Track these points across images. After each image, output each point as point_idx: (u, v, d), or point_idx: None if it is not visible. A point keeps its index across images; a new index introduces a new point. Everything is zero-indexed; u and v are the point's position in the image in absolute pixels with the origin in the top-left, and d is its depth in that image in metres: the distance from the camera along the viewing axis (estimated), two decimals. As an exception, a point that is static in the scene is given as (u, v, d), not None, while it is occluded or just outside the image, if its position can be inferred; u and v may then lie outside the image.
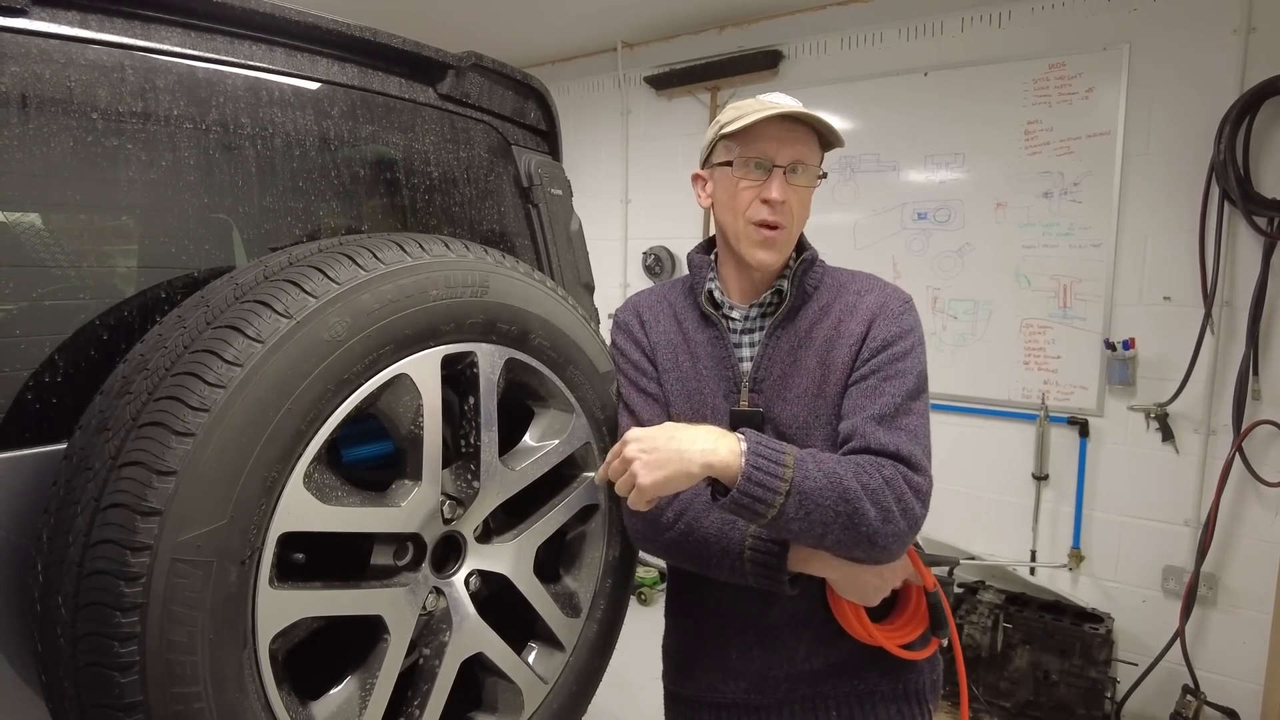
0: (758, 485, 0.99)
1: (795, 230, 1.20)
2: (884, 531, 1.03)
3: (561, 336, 1.18)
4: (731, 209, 1.20)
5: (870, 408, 1.12)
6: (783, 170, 1.15)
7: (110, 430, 0.81)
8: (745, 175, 1.17)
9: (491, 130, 1.52)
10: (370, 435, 1.09)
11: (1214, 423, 2.78)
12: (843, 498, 1.01)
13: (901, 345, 1.16)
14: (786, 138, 1.15)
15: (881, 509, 1.02)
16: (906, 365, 1.15)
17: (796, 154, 1.16)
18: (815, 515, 1.01)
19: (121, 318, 1.01)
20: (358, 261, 0.93)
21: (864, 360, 1.16)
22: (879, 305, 1.20)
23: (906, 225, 3.40)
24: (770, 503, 1.00)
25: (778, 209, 1.16)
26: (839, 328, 1.19)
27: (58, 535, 0.80)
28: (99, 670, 0.76)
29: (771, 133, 1.15)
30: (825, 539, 1.03)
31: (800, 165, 1.17)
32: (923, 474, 1.08)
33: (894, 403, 1.12)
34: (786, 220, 1.17)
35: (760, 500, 1.00)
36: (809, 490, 1.00)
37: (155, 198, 1.07)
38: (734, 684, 1.24)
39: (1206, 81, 2.71)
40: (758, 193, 1.16)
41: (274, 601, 0.87)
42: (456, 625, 1.07)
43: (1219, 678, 2.77)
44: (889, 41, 3.42)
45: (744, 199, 1.18)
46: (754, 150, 1.16)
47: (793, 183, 1.16)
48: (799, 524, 1.02)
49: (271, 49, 1.18)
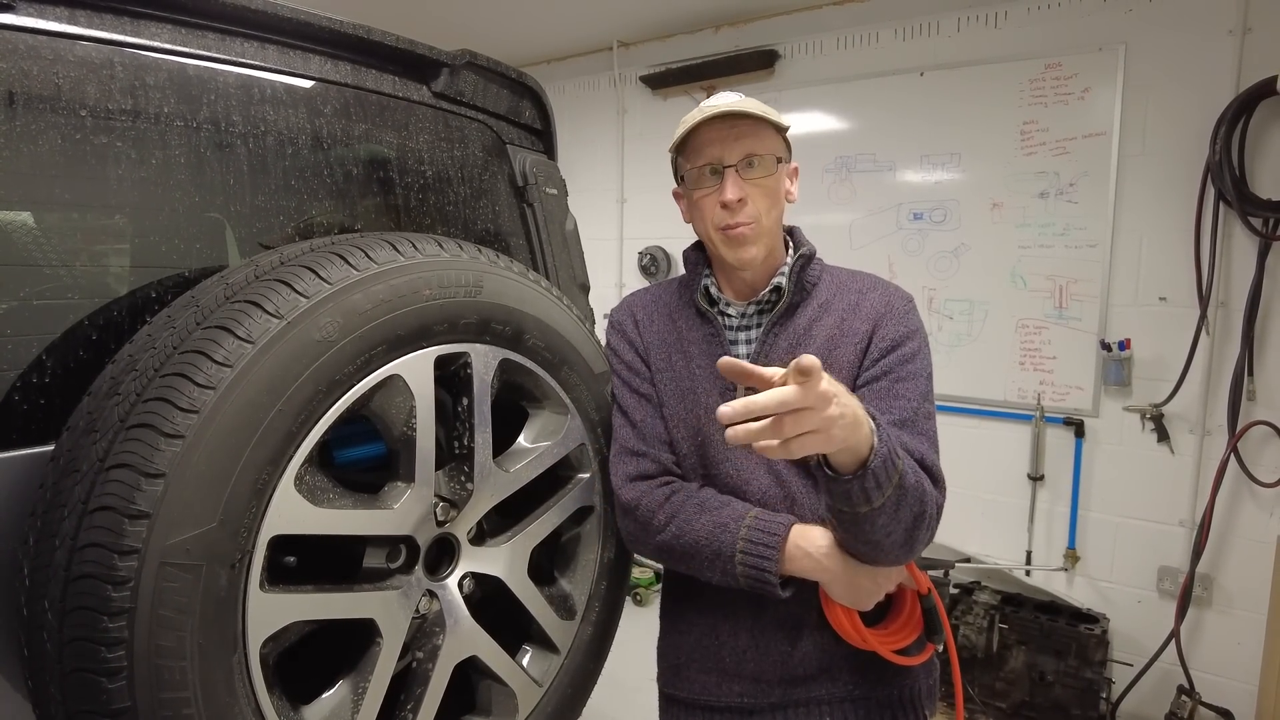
0: (882, 471, 0.93)
1: (767, 222, 1.18)
2: (922, 540, 1.05)
3: (556, 337, 1.17)
4: (701, 221, 1.20)
5: (890, 412, 1.12)
6: (734, 169, 1.14)
7: (98, 432, 0.80)
8: (700, 185, 1.17)
9: (486, 129, 1.51)
10: (364, 436, 1.08)
11: (1209, 423, 2.78)
12: (920, 499, 1.01)
13: (910, 345, 1.17)
14: (728, 135, 1.14)
15: (928, 517, 1.05)
16: (917, 366, 1.16)
17: (745, 148, 1.15)
18: (903, 513, 0.99)
19: (111, 318, 1.00)
20: (350, 261, 0.92)
21: (873, 360, 1.16)
22: (884, 304, 1.20)
23: (902, 225, 3.40)
24: (884, 490, 0.95)
25: (736, 209, 1.15)
26: (842, 326, 1.19)
27: (45, 539, 0.79)
28: (86, 676, 0.75)
29: (714, 135, 1.14)
30: (890, 537, 1.02)
31: (754, 158, 1.15)
32: (941, 488, 1.09)
33: (911, 406, 1.12)
34: (750, 217, 1.16)
35: (879, 487, 0.94)
36: (908, 486, 0.99)
37: (144, 196, 1.06)
38: (728, 687, 1.23)
39: (1202, 82, 2.72)
40: (716, 198, 1.16)
41: (265, 605, 0.86)
42: (450, 628, 1.06)
43: (1214, 678, 2.78)
44: (885, 41, 3.41)
45: (706, 208, 1.18)
46: (702, 158, 1.16)
47: (749, 177, 1.15)
48: (885, 518, 0.98)
49: (264, 46, 1.17)
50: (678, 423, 1.22)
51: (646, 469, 1.20)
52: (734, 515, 1.13)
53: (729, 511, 1.14)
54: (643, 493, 1.18)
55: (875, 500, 0.95)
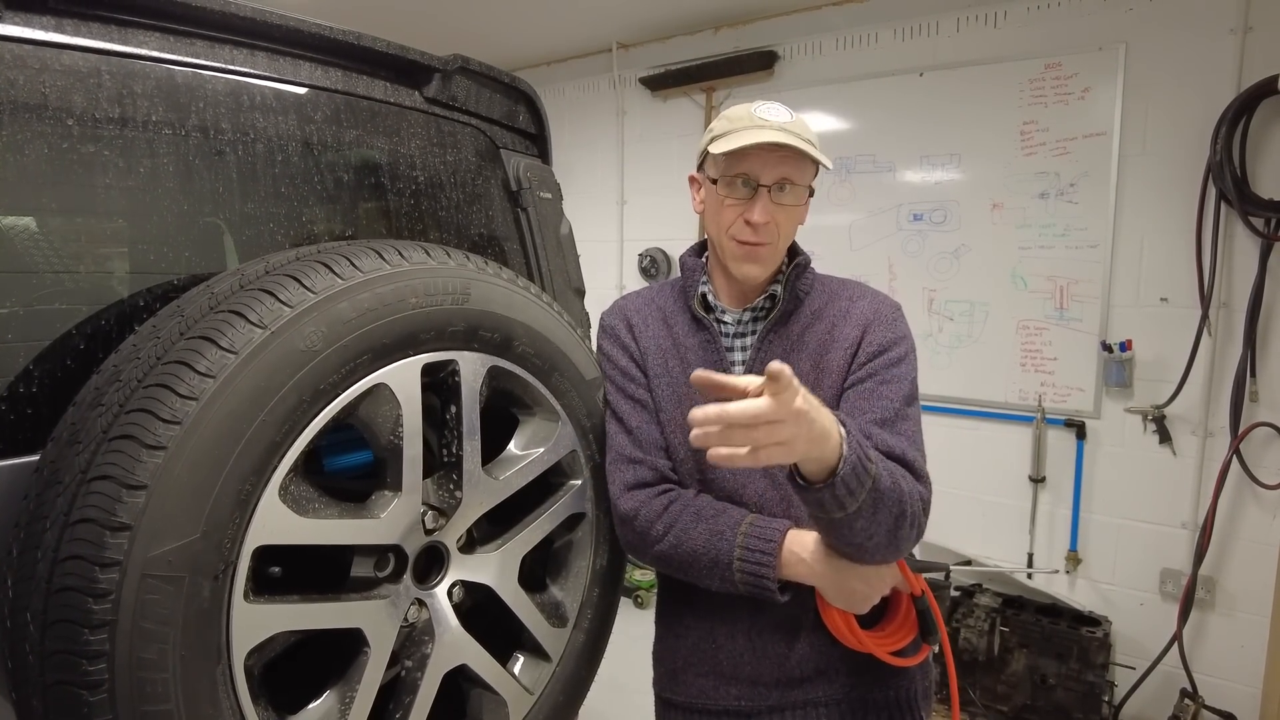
0: (852, 478, 0.94)
1: (781, 245, 1.21)
2: (907, 538, 1.06)
3: (546, 343, 1.17)
4: (717, 223, 1.20)
5: (871, 411, 1.13)
6: (768, 189, 1.15)
7: (81, 443, 0.80)
8: (730, 194, 1.17)
9: (479, 134, 1.50)
10: (354, 443, 1.08)
11: (1211, 425, 2.76)
12: (899, 500, 1.02)
13: (896, 351, 1.19)
14: (771, 158, 1.14)
15: (910, 516, 1.05)
16: (901, 371, 1.17)
17: (783, 173, 1.15)
18: (881, 515, 1.00)
19: (99, 327, 1.00)
20: (334, 269, 0.92)
21: (860, 364, 1.18)
22: (873, 311, 1.22)
23: (902, 226, 3.39)
24: (856, 496, 0.95)
25: (760, 230, 1.15)
26: (833, 332, 1.20)
27: (28, 550, 0.79)
28: (67, 689, 0.75)
29: (758, 151, 1.14)
30: (872, 539, 1.02)
31: (787, 184, 1.16)
32: (926, 483, 1.10)
33: (893, 407, 1.14)
34: (770, 238, 1.17)
35: (851, 493, 0.95)
36: (884, 490, 0.99)
37: (133, 204, 1.06)
38: (725, 691, 1.23)
39: (1203, 81, 2.70)
40: (741, 211, 1.16)
41: (249, 616, 0.85)
42: (439, 637, 1.05)
43: (1217, 681, 2.76)
44: (884, 42, 3.40)
45: (728, 216, 1.18)
46: (740, 168, 1.15)
47: (779, 201, 1.16)
48: (863, 521, 0.99)
49: (253, 53, 1.17)
50: (675, 429, 1.22)
51: (644, 477, 1.20)
52: (730, 523, 1.13)
53: (725, 519, 1.14)
54: (641, 502, 1.18)
55: (849, 506, 0.96)
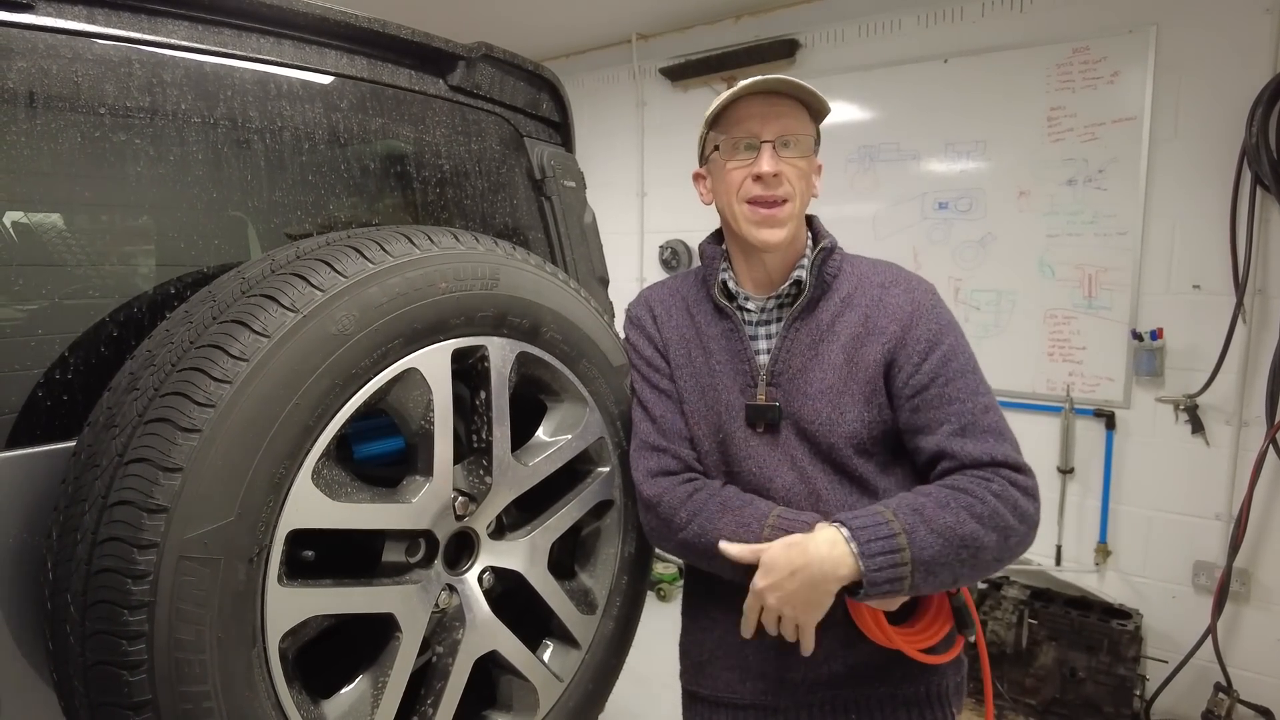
0: (884, 581, 1.00)
1: (799, 206, 1.17)
2: (1008, 548, 1.05)
3: (574, 330, 1.16)
4: (726, 194, 1.18)
5: (946, 423, 1.10)
6: (771, 144, 1.13)
7: (117, 427, 0.80)
8: (733, 157, 1.15)
9: (503, 122, 1.50)
10: (382, 431, 1.08)
11: (1246, 414, 2.70)
12: (962, 545, 1.02)
13: (947, 343, 1.14)
14: (769, 113, 1.13)
15: (1001, 531, 1.03)
16: (960, 363, 1.13)
17: (783, 127, 1.14)
18: (943, 575, 1.02)
19: (132, 315, 1.01)
20: (365, 254, 0.92)
21: (915, 366, 1.13)
22: (910, 303, 1.17)
23: (927, 215, 3.34)
24: (900, 587, 1.01)
25: (770, 182, 1.13)
26: (867, 323, 1.16)
27: (66, 533, 0.80)
28: (107, 668, 0.75)
29: (754, 111, 1.13)
30: (959, 581, 1.06)
31: (790, 138, 1.14)
32: (1025, 472, 1.08)
33: (967, 406, 1.10)
34: (785, 193, 1.14)
35: (893, 590, 1.01)
36: (929, 559, 1.01)
37: (163, 193, 1.07)
38: (751, 685, 1.22)
39: (1238, 62, 2.63)
40: (748, 171, 1.14)
41: (283, 599, 0.86)
42: (470, 623, 1.05)
43: (1252, 675, 2.71)
44: (907, 28, 3.36)
45: (735, 179, 1.16)
46: (739, 131, 1.15)
47: (785, 156, 1.14)
48: (930, 586, 1.03)
49: (279, 42, 1.17)
50: (699, 419, 1.21)
51: (668, 465, 1.19)
52: (757, 515, 1.11)
53: (752, 511, 1.12)
54: (665, 489, 1.17)
55: (903, 587, 1.01)
